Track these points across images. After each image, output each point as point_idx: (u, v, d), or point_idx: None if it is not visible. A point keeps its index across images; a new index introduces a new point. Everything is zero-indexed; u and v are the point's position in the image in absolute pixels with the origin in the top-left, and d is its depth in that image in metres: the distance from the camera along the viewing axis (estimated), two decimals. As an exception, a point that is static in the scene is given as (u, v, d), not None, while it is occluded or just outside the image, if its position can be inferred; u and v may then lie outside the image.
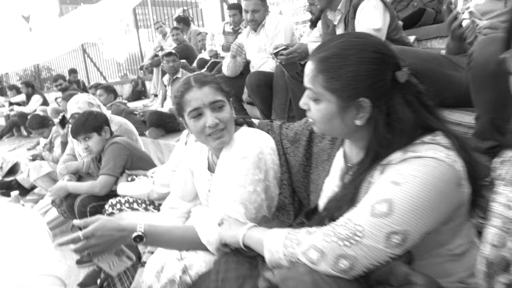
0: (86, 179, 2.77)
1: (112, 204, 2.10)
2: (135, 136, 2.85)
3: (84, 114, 2.40)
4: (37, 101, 7.37)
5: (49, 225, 3.10)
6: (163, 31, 6.87)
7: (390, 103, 0.95)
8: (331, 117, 0.98)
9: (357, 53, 0.93)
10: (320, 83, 0.96)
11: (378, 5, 2.14)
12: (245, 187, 1.27)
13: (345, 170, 1.12)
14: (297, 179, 1.39)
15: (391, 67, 0.94)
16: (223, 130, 1.34)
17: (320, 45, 1.01)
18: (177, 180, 1.66)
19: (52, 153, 3.69)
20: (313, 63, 0.98)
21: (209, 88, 1.31)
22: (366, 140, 1.01)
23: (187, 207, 1.66)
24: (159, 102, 4.97)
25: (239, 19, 4.58)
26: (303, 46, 2.24)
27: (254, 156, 1.30)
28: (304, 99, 1.05)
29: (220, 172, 1.36)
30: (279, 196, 1.42)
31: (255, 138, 1.36)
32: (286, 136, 1.42)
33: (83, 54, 11.12)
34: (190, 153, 1.61)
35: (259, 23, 3.13)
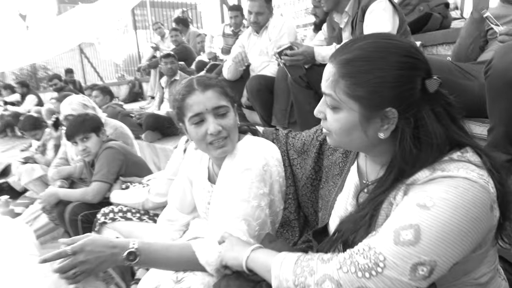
0: (79, 185, 2.66)
1: (105, 213, 1.99)
2: (130, 140, 2.74)
3: (80, 115, 2.29)
4: (32, 101, 7.24)
5: (40, 231, 2.99)
6: (161, 32, 6.77)
7: (418, 114, 0.84)
8: (351, 128, 0.88)
9: (386, 56, 0.83)
10: (342, 89, 0.85)
11: (388, 7, 2.05)
12: (248, 201, 1.17)
13: (361, 188, 1.01)
14: (303, 194, 1.28)
15: (421, 74, 0.84)
16: (226, 139, 1.24)
17: (342, 46, 0.90)
18: (175, 191, 1.56)
19: (44, 156, 3.57)
20: (334, 66, 0.87)
21: (212, 92, 1.21)
22: (387, 155, 0.91)
23: (186, 219, 1.56)
24: (156, 104, 4.86)
25: (240, 21, 4.50)
26: (309, 49, 2.14)
27: (259, 168, 1.19)
28: (320, 106, 0.94)
29: (222, 184, 1.25)
30: (284, 211, 1.32)
31: (260, 148, 1.26)
32: (293, 146, 1.32)
33: (80, 54, 11.00)
34: (189, 161, 1.50)
35: (262, 26, 3.03)
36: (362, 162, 1.05)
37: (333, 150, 1.16)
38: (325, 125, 0.94)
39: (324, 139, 1.19)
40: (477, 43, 1.86)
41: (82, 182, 2.65)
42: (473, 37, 1.81)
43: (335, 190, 1.11)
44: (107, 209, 2.01)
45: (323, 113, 0.94)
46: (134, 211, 1.98)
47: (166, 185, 1.85)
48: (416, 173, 0.84)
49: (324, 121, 0.95)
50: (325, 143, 1.19)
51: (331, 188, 1.14)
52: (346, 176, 1.09)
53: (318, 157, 1.21)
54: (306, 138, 1.29)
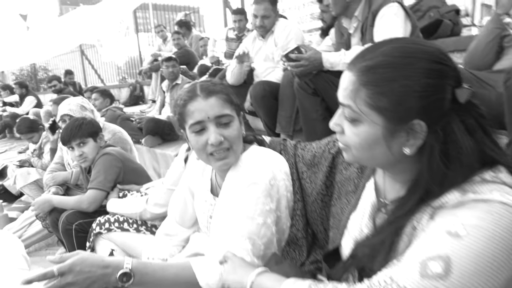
0: (75, 192, 2.57)
1: (100, 223, 1.89)
2: (129, 145, 2.65)
3: (78, 119, 2.20)
4: (31, 102, 7.16)
5: (34, 238, 2.89)
6: (163, 35, 6.70)
7: (448, 128, 0.75)
8: (373, 143, 0.78)
9: (413, 62, 0.74)
10: (363, 99, 0.77)
11: (400, 12, 1.97)
12: (253, 218, 1.08)
13: (378, 207, 0.92)
14: (313, 210, 1.19)
15: (451, 82, 0.75)
16: (228, 151, 1.15)
17: (363, 52, 0.81)
18: (176, 203, 1.46)
19: (41, 160, 3.48)
20: (354, 74, 0.78)
21: (216, 99, 1.13)
22: (411, 173, 0.82)
23: (186, 234, 1.47)
24: (157, 109, 4.78)
25: (244, 25, 4.43)
26: (316, 54, 2.04)
27: (266, 183, 1.10)
28: (337, 119, 0.85)
29: (225, 198, 1.16)
30: (291, 229, 1.22)
31: (266, 160, 1.17)
32: (302, 158, 1.23)
33: (81, 56, 10.94)
34: (191, 172, 1.41)
35: (269, 30, 2.95)
36: (380, 178, 0.96)
37: (347, 165, 1.07)
38: (343, 139, 0.85)
39: (338, 152, 1.10)
40: (494, 49, 1.78)
41: (78, 189, 2.56)
42: (491, 44, 1.72)
43: (349, 208, 1.02)
44: (102, 218, 1.91)
45: (340, 126, 0.85)
46: (131, 221, 1.88)
47: (165, 195, 1.76)
48: (444, 195, 0.75)
49: (341, 135, 0.86)
50: (338, 156, 1.10)
51: (344, 206, 1.04)
52: (361, 193, 1.00)
53: (330, 171, 1.12)
54: (316, 150, 1.20)
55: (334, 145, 1.12)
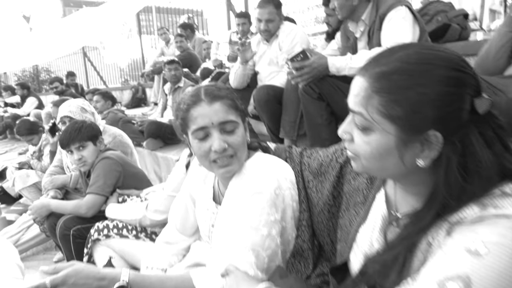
0: (74, 195, 2.52)
1: (99, 229, 1.84)
2: (130, 149, 2.61)
3: (77, 122, 2.15)
4: (32, 103, 7.13)
5: (32, 242, 2.84)
6: (166, 37, 6.67)
7: (466, 140, 0.71)
8: (385, 153, 0.74)
9: (430, 69, 0.69)
10: (375, 107, 0.72)
11: (408, 16, 1.92)
12: (257, 229, 1.03)
13: (389, 221, 0.87)
14: (319, 221, 1.14)
15: (470, 91, 0.70)
16: (232, 158, 1.10)
17: (377, 57, 0.77)
18: (177, 210, 1.41)
19: (40, 162, 3.43)
20: (366, 80, 0.74)
21: (221, 105, 1.08)
22: (424, 185, 0.78)
23: (186, 243, 1.41)
24: (158, 111, 4.74)
25: (247, 28, 4.39)
26: (322, 60, 1.99)
27: (271, 192, 1.05)
28: (346, 126, 0.80)
29: (228, 207, 1.11)
30: (296, 240, 1.17)
31: (272, 168, 1.12)
32: (308, 167, 1.18)
33: (84, 58, 10.93)
34: (193, 178, 1.37)
35: (273, 33, 2.90)
36: (391, 190, 0.91)
37: (356, 175, 1.02)
38: (352, 148, 0.80)
39: (346, 161, 1.05)
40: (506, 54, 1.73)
41: (77, 193, 2.51)
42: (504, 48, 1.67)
43: (358, 221, 0.97)
44: (101, 224, 1.86)
45: (349, 134, 0.80)
46: (130, 227, 1.83)
47: (165, 202, 1.71)
48: (462, 209, 0.71)
49: (350, 143, 0.81)
50: (346, 166, 1.05)
51: (352, 218, 0.99)
52: (371, 205, 0.95)
53: (338, 181, 1.07)
54: (323, 158, 1.14)
55: (342, 154, 1.07)
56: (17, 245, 2.70)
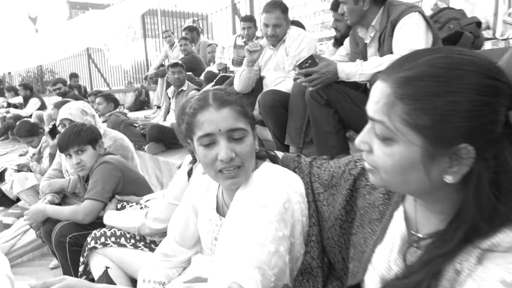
0: (72, 200, 2.45)
1: (96, 237, 1.77)
2: (131, 153, 2.54)
3: (76, 125, 2.09)
4: (35, 104, 7.09)
5: (29, 247, 2.76)
6: (171, 40, 6.63)
7: (500, 155, 0.64)
8: (409, 166, 0.67)
9: (462, 76, 0.62)
10: (399, 115, 0.65)
11: (421, 22, 1.85)
12: (264, 245, 0.95)
13: (409, 241, 0.80)
14: (329, 237, 1.06)
15: (506, 102, 0.63)
16: (239, 168, 1.03)
17: (401, 60, 0.70)
18: (177, 221, 1.34)
19: (40, 164, 3.37)
20: (388, 85, 0.67)
21: (229, 111, 1.01)
22: (450, 202, 0.71)
23: (186, 255, 1.34)
24: (161, 115, 4.68)
25: (253, 33, 4.34)
26: (331, 66, 1.92)
27: (279, 206, 0.98)
28: (364, 136, 0.73)
29: (233, 220, 1.03)
30: (305, 256, 1.09)
31: (281, 180, 1.04)
32: (318, 178, 1.10)
33: (88, 60, 10.93)
34: (195, 187, 1.29)
35: (281, 39, 2.83)
36: (410, 207, 0.83)
37: (371, 189, 0.94)
38: (370, 159, 0.73)
39: (360, 173, 0.97)
40: None
41: (75, 197, 2.44)
42: None
43: (373, 239, 0.89)
44: (98, 232, 1.79)
45: (368, 144, 0.73)
46: (128, 236, 1.76)
47: (165, 210, 1.64)
48: (494, 234, 0.63)
49: (368, 154, 0.74)
50: (360, 179, 0.98)
51: (367, 236, 0.91)
52: (388, 223, 0.87)
53: (351, 195, 0.99)
54: (335, 169, 1.07)
55: (355, 166, 1.00)
56: (13, 250, 2.63)
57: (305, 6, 4.62)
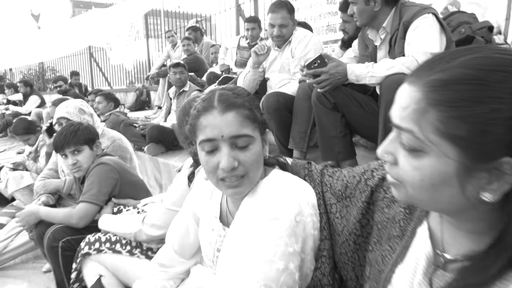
0: (67, 201, 2.36)
1: (90, 242, 1.68)
2: (129, 154, 2.45)
3: (73, 124, 2.01)
4: (35, 102, 7.01)
5: (21, 249, 2.66)
6: (174, 40, 6.56)
7: None
8: (441, 182, 0.58)
9: (506, 79, 0.54)
10: (432, 124, 0.57)
11: (435, 24, 1.77)
12: (272, 262, 0.86)
13: (435, 263, 0.71)
14: (342, 252, 0.97)
15: None
16: (243, 178, 0.94)
17: (432, 61, 0.61)
18: (176, 229, 1.26)
19: (36, 163, 3.28)
20: (418, 89, 0.59)
21: (235, 115, 0.91)
22: (484, 222, 0.63)
23: (185, 266, 1.25)
24: (162, 115, 4.60)
25: (257, 34, 4.27)
26: (339, 66, 1.84)
27: (290, 219, 0.89)
28: (388, 146, 0.65)
29: (239, 231, 0.95)
30: (315, 272, 1.00)
31: (292, 190, 0.95)
32: (331, 188, 1.02)
33: (90, 58, 10.87)
34: (197, 193, 1.21)
35: (287, 39, 2.76)
36: (436, 224, 0.75)
37: (391, 202, 0.85)
38: (395, 172, 0.65)
39: (378, 185, 0.89)
40: None
41: (71, 199, 2.36)
42: None
43: (393, 258, 0.80)
44: (92, 237, 1.70)
45: (392, 155, 0.65)
46: (124, 242, 1.67)
47: (164, 216, 1.56)
48: None
49: (392, 166, 0.65)
50: (378, 191, 0.89)
51: (386, 254, 0.83)
52: (410, 241, 0.78)
53: (368, 207, 0.91)
54: (349, 179, 0.98)
55: (372, 176, 0.91)
56: (5, 252, 2.54)
57: (311, 8, 4.54)
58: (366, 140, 2.60)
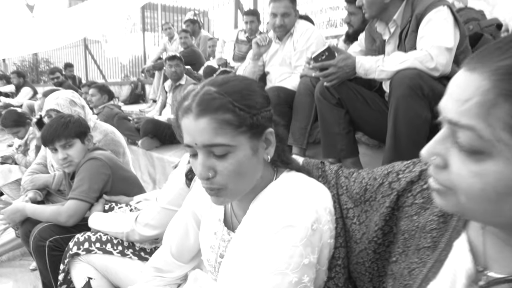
0: (56, 198, 2.25)
1: (79, 242, 1.57)
2: (122, 148, 2.34)
3: (63, 116, 1.89)
4: (27, 94, 6.83)
5: (8, 246, 2.54)
6: (171, 33, 6.41)
7: None
8: (508, 192, 0.49)
9: None
10: (503, 120, 0.47)
11: (449, 18, 1.68)
12: (285, 275, 0.76)
13: (476, 281, 0.61)
14: (359, 262, 0.88)
15: None
16: (221, 191, 0.83)
17: (499, 44, 0.51)
18: (174, 230, 1.15)
19: (25, 157, 3.16)
20: (484, 77, 0.49)
21: (208, 122, 0.77)
22: None
23: (182, 271, 1.16)
24: (157, 109, 4.49)
25: (256, 27, 4.16)
26: (348, 59, 1.74)
27: (307, 227, 0.78)
28: (436, 145, 0.55)
29: (246, 238, 0.84)
30: (328, 283, 0.90)
31: (309, 194, 0.85)
32: (347, 191, 0.92)
33: (85, 50, 10.69)
34: (198, 192, 1.10)
35: (288, 30, 2.66)
36: (477, 236, 0.65)
37: (421, 208, 0.75)
38: (444, 178, 0.55)
39: (405, 189, 0.78)
40: None
41: (60, 195, 2.24)
42: None
43: (423, 272, 0.70)
44: (82, 236, 1.59)
45: (441, 157, 0.54)
46: (115, 242, 1.57)
47: (158, 215, 1.45)
48: None
49: (440, 170, 0.55)
50: (405, 195, 0.78)
51: (414, 267, 0.73)
52: (444, 254, 0.68)
53: (391, 214, 0.80)
54: (368, 181, 0.88)
55: (398, 179, 0.81)
56: (-9, 249, 2.42)
57: (312, 2, 4.43)
58: (368, 138, 2.51)
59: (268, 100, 0.88)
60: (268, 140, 0.87)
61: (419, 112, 1.52)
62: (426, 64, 1.57)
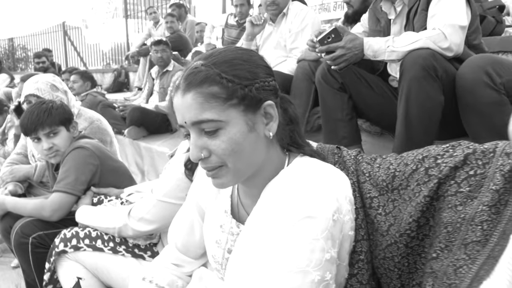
0: (38, 190, 2.10)
1: (66, 238, 1.43)
2: (109, 137, 2.20)
3: (45, 102, 1.73)
4: (4, 80, 6.49)
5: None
6: (156, 17, 6.17)
7: None
8: None
9: None
10: None
11: (462, -4, 1.59)
12: (307, 273, 0.67)
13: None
14: (388, 257, 0.78)
15: None
16: (221, 170, 0.76)
17: None
18: (179, 224, 1.06)
19: (4, 147, 2.96)
20: None
21: (193, 97, 0.72)
22: None
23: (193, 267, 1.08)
24: (143, 97, 4.32)
25: (246, 11, 4.02)
26: (355, 41, 1.63)
27: (328, 218, 0.69)
28: None
29: (258, 231, 0.74)
30: (349, 280, 0.81)
31: (328, 181, 0.75)
32: (370, 177, 0.82)
33: (64, 37, 10.28)
34: (201, 182, 0.99)
35: (282, 9, 2.55)
36: None
37: (467, 197, 0.66)
38: None
39: (448, 176, 0.69)
40: None
41: (43, 187, 2.09)
42: None
43: (473, 270, 0.62)
44: (69, 232, 1.46)
45: None
46: (106, 238, 1.44)
47: (154, 209, 1.34)
48: None
49: None
50: (448, 183, 0.69)
51: (461, 264, 0.64)
52: (499, 250, 0.60)
53: (430, 203, 0.71)
54: (398, 167, 0.79)
55: (436, 164, 0.71)
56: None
57: (304, -15, 4.29)
58: (369, 125, 2.44)
59: (268, 71, 0.80)
60: (269, 114, 0.77)
61: (432, 94, 1.44)
62: (439, 43, 1.48)
